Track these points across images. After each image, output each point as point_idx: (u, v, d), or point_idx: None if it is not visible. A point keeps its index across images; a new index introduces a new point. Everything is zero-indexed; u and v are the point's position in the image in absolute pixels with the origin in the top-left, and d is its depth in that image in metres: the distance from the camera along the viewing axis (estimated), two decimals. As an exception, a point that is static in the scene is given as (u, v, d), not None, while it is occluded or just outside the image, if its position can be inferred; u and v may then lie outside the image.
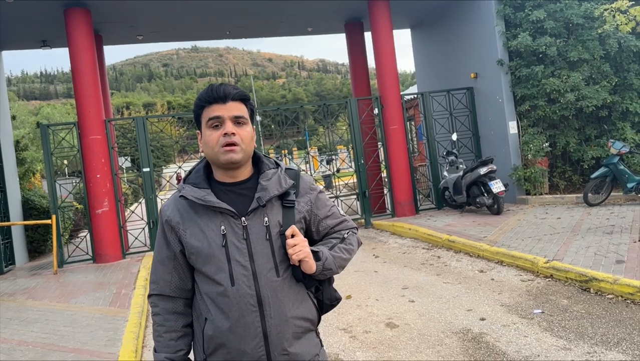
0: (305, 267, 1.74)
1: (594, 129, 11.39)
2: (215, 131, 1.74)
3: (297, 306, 1.76)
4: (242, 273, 1.70)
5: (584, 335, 4.40)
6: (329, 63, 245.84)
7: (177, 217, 1.79)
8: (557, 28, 11.19)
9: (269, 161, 1.87)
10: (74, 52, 10.38)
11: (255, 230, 1.73)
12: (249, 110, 1.81)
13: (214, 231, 1.73)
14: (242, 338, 1.68)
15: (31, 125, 25.64)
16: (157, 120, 12.81)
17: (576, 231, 7.83)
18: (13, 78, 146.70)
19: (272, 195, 1.76)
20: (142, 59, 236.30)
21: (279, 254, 1.74)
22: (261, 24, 13.84)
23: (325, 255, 1.80)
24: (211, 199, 1.74)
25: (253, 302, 1.68)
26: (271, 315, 1.69)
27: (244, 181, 1.81)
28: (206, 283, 1.75)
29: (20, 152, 13.65)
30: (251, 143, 1.79)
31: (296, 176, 1.86)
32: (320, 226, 1.90)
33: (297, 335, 1.74)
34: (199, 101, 1.78)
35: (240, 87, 1.82)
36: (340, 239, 1.89)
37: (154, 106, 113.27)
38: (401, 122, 12.15)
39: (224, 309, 1.69)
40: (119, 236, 10.55)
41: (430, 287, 6.39)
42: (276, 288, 1.71)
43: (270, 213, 1.76)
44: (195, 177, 1.83)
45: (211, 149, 1.75)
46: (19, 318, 6.43)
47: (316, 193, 1.90)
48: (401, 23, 15.23)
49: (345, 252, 1.87)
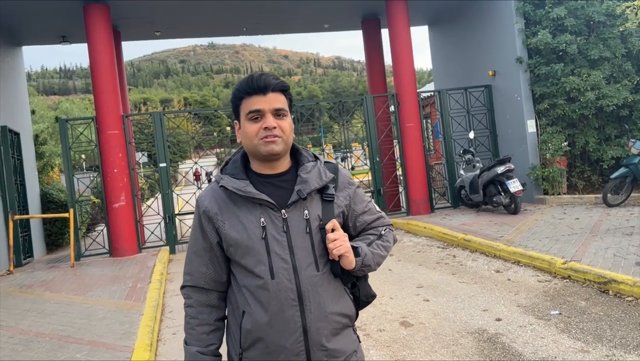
0: (345, 262, 1.71)
1: (614, 129, 11.20)
2: (255, 123, 1.71)
3: (336, 301, 1.73)
4: (283, 266, 1.67)
5: (603, 338, 4.33)
6: (345, 60, 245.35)
7: (215, 208, 1.76)
8: (577, 25, 11.02)
9: (307, 153, 1.84)
10: (93, 47, 10.48)
11: (295, 223, 1.70)
12: (288, 100, 1.77)
13: (253, 223, 1.70)
14: (281, 332, 1.65)
15: (50, 120, 25.96)
16: (173, 116, 12.90)
17: (595, 232, 7.71)
18: (33, 73, 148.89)
19: (313, 188, 1.72)
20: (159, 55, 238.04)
21: (319, 249, 1.71)
22: (278, 20, 13.85)
23: (365, 251, 1.77)
24: (251, 190, 1.70)
25: (293, 296, 1.66)
26: (311, 310, 1.66)
27: (283, 173, 1.78)
28: (245, 275, 1.72)
29: (39, 147, 13.86)
30: (291, 134, 1.76)
31: (335, 169, 1.83)
32: (357, 221, 1.87)
33: (335, 331, 1.72)
34: (237, 91, 1.75)
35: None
36: (378, 236, 1.86)
37: (170, 102, 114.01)
38: (417, 120, 12.07)
39: (263, 302, 1.67)
40: (135, 231, 10.64)
41: (446, 286, 6.34)
42: (316, 282, 1.69)
43: (310, 206, 1.73)
44: (233, 168, 1.79)
45: (250, 141, 1.72)
46: (36, 310, 6.51)
47: (354, 188, 1.87)
48: (418, 20, 15.13)
49: (383, 249, 1.85)
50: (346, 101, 13.59)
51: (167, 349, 5.12)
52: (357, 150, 19.11)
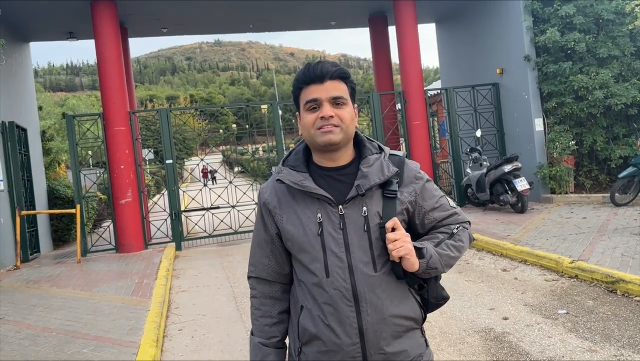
0: (407, 265, 1.60)
1: (622, 128, 11.13)
2: (313, 113, 1.64)
3: (397, 303, 1.63)
4: (337, 264, 1.60)
5: (610, 337, 4.30)
6: (351, 58, 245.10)
7: (274, 201, 1.72)
8: (586, 24, 10.95)
9: (371, 145, 1.73)
10: (100, 44, 10.50)
11: (353, 220, 1.62)
12: (349, 88, 1.68)
13: (310, 219, 1.64)
14: (337, 333, 1.59)
15: (57, 116, 26.06)
16: (180, 113, 12.90)
17: (602, 232, 7.66)
18: (40, 70, 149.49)
19: (373, 183, 1.62)
20: (165, 52, 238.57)
21: (377, 248, 1.61)
22: (285, 17, 13.83)
23: (430, 252, 1.64)
24: (308, 185, 1.64)
25: (348, 296, 1.58)
26: (367, 312, 1.58)
27: (345, 166, 1.69)
28: (302, 270, 1.68)
29: (46, 143, 13.90)
30: (352, 124, 1.67)
31: (401, 163, 1.71)
32: (425, 219, 1.74)
33: (397, 333, 1.62)
34: (296, 82, 1.69)
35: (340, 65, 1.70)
36: (449, 235, 1.72)
37: (176, 99, 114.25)
38: (424, 117, 12.03)
39: (318, 300, 1.62)
40: (142, 227, 10.67)
41: (452, 285, 6.32)
42: (373, 283, 1.60)
43: (369, 202, 1.63)
44: (294, 160, 1.73)
45: (308, 131, 1.66)
46: (43, 305, 6.54)
47: (423, 182, 1.73)
48: (426, 17, 15.07)
49: (454, 249, 1.70)
50: (353, 98, 13.56)
51: (173, 345, 5.13)
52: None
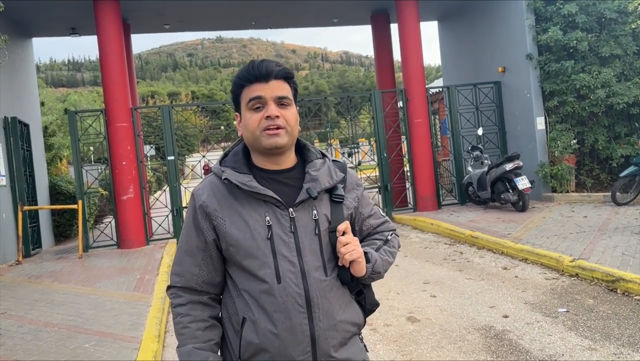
0: (357, 269, 1.59)
1: (624, 127, 11.13)
2: (257, 113, 1.57)
3: (344, 309, 1.61)
4: (290, 269, 1.53)
5: (610, 336, 4.32)
6: (353, 55, 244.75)
7: (214, 203, 1.60)
8: (589, 22, 10.93)
9: (315, 150, 1.71)
10: (102, 40, 10.50)
11: (304, 223, 1.57)
12: (293, 89, 1.64)
13: (257, 222, 1.55)
14: (288, 342, 1.51)
15: (59, 112, 26.07)
16: (181, 109, 12.92)
17: (603, 230, 7.67)
18: (42, 65, 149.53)
19: (323, 187, 1.60)
20: (167, 48, 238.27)
21: (327, 252, 1.59)
22: (287, 14, 13.83)
23: (375, 257, 1.65)
24: (256, 186, 1.56)
25: (301, 302, 1.52)
26: (320, 318, 1.53)
27: (289, 169, 1.65)
28: (246, 278, 1.57)
29: (48, 138, 13.92)
30: (296, 126, 1.62)
31: (344, 169, 1.71)
32: (363, 225, 1.76)
33: (344, 340, 1.60)
34: (237, 79, 1.62)
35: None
36: (384, 241, 1.75)
37: (178, 96, 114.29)
38: (426, 115, 12.03)
39: (267, 309, 1.52)
40: (143, 223, 10.69)
41: (452, 283, 6.34)
42: (325, 288, 1.56)
43: (318, 206, 1.60)
44: (234, 161, 1.64)
45: (251, 133, 1.59)
46: (45, 300, 6.56)
47: (362, 190, 1.76)
48: (428, 15, 15.04)
49: (390, 255, 1.73)
50: (354, 96, 13.55)
51: (175, 340, 5.14)
52: (364, 146, 19.09)
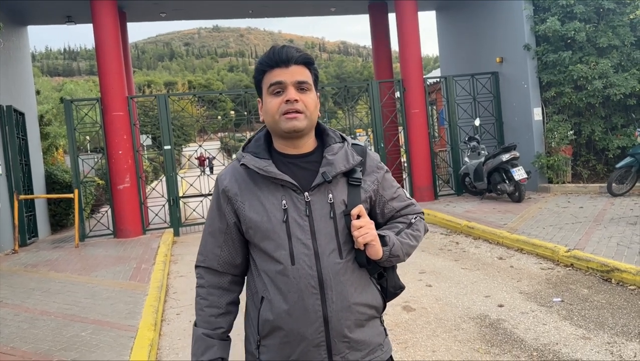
0: (371, 252, 1.61)
1: (620, 118, 11.14)
2: (277, 97, 1.62)
3: (360, 291, 1.63)
4: (304, 251, 1.58)
5: (604, 325, 4.35)
6: (350, 45, 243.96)
7: (235, 187, 1.67)
8: (587, 13, 10.90)
9: (334, 134, 1.73)
10: (98, 28, 10.42)
11: (319, 207, 1.61)
12: (313, 75, 1.67)
13: (274, 205, 1.61)
14: (301, 321, 1.57)
15: (54, 101, 25.97)
16: (178, 98, 12.86)
17: (599, 221, 7.71)
18: (37, 54, 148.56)
19: (339, 171, 1.63)
20: (163, 37, 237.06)
21: (343, 235, 1.61)
22: (284, 3, 13.73)
23: (393, 240, 1.66)
24: (273, 170, 1.61)
25: (314, 283, 1.57)
26: (332, 299, 1.57)
27: (308, 153, 1.68)
28: (264, 260, 1.63)
29: (44, 127, 13.86)
30: (315, 111, 1.66)
31: (363, 152, 1.73)
32: (385, 208, 1.76)
33: (359, 322, 1.62)
34: (259, 65, 1.67)
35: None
36: (407, 224, 1.75)
37: (174, 85, 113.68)
38: (423, 106, 12.01)
39: (282, 289, 1.58)
40: (140, 212, 10.68)
41: (448, 272, 6.36)
42: (339, 270, 1.59)
43: (335, 190, 1.63)
44: (255, 146, 1.70)
45: (272, 117, 1.63)
46: (41, 288, 6.57)
47: (383, 172, 1.76)
48: (426, 5, 14.98)
49: (413, 238, 1.74)
50: (351, 86, 13.51)
51: (171, 329, 5.17)
52: (362, 136, 19.07)
